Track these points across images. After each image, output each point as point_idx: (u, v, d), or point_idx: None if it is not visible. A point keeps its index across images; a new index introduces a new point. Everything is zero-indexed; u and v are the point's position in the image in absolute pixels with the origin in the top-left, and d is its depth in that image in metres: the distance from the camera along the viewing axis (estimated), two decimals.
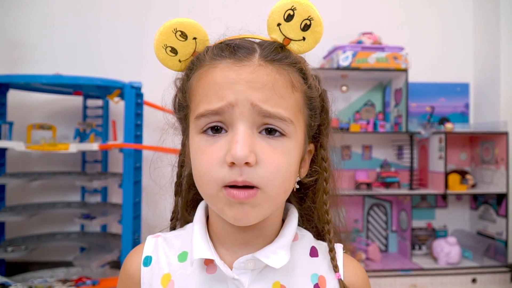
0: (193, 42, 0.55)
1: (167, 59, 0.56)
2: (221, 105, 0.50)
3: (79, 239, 2.19)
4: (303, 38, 0.54)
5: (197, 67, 0.55)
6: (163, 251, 0.60)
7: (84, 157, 2.29)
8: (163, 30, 0.54)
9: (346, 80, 2.43)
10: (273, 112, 0.50)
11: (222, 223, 0.56)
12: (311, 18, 0.53)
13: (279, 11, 0.52)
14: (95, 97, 2.23)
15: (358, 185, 2.32)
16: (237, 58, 0.51)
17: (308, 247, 0.60)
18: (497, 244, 2.28)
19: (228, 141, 0.50)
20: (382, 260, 2.29)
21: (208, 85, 0.51)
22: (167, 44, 0.55)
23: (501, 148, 2.26)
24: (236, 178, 0.49)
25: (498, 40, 2.40)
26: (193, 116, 0.54)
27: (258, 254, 0.54)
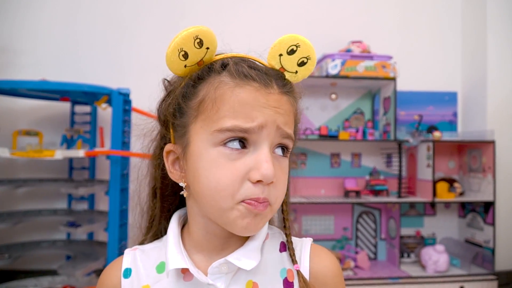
0: (204, 51, 0.56)
1: (175, 62, 0.55)
2: (252, 125, 0.52)
3: (64, 247, 2.15)
4: (296, 72, 0.60)
5: (210, 78, 0.56)
6: (141, 263, 0.62)
7: (71, 164, 2.27)
8: (186, 34, 0.54)
9: (336, 88, 2.44)
10: (289, 133, 0.57)
11: (204, 232, 0.60)
12: (309, 57, 0.60)
13: (285, 44, 0.58)
14: (83, 103, 2.21)
15: (347, 193, 2.32)
16: (263, 82, 0.55)
17: (278, 243, 0.64)
18: (484, 252, 2.29)
19: (253, 159, 0.53)
20: (371, 268, 2.28)
21: (238, 102, 0.53)
22: (183, 48, 0.54)
23: (488, 156, 2.28)
24: (259, 195, 0.53)
25: (485, 50, 2.44)
26: (209, 126, 0.54)
27: (230, 258, 0.57)
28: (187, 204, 0.62)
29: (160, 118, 0.62)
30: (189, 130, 0.57)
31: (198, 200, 0.57)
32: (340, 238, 2.44)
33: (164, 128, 0.62)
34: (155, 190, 0.65)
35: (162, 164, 0.63)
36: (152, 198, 0.66)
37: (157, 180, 0.65)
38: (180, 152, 0.59)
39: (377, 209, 2.48)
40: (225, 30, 0.64)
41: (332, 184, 2.44)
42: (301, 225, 2.41)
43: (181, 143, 0.58)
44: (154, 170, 0.65)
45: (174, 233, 0.61)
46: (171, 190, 0.65)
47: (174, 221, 0.63)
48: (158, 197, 0.65)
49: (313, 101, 2.44)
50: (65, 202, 2.27)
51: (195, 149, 0.55)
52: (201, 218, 0.59)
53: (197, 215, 0.60)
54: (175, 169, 0.60)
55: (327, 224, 2.43)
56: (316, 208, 2.41)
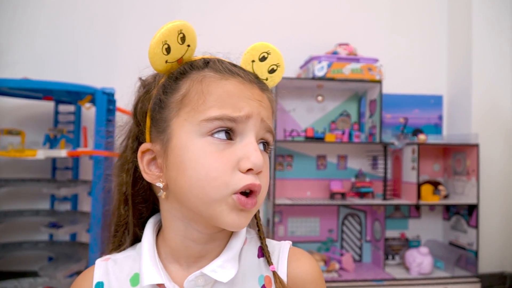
0: (185, 49, 0.56)
1: (157, 56, 0.55)
2: (240, 115, 0.53)
3: (47, 248, 2.12)
4: (266, 79, 0.62)
5: (193, 74, 0.56)
6: (114, 275, 0.58)
7: (54, 164, 2.24)
8: (171, 27, 0.54)
9: (322, 90, 2.44)
10: (271, 128, 0.58)
11: (182, 237, 0.57)
12: (279, 65, 0.63)
13: (257, 50, 0.61)
14: (67, 102, 2.19)
15: (332, 195, 2.33)
16: (246, 79, 0.57)
17: (256, 249, 0.62)
18: (468, 255, 2.31)
19: (241, 149, 0.53)
20: (356, 270, 2.29)
21: (225, 93, 0.54)
22: (167, 41, 0.54)
23: (472, 159, 2.31)
24: (254, 181, 0.52)
25: (470, 55, 2.46)
26: (196, 117, 0.53)
27: (206, 270, 0.55)
28: (163, 209, 0.59)
29: (137, 116, 0.60)
30: (171, 124, 0.55)
31: (181, 197, 0.54)
32: (325, 240, 2.44)
33: (139, 127, 0.60)
34: (126, 197, 0.62)
35: (133, 168, 0.61)
36: (124, 205, 0.62)
37: (128, 185, 0.61)
38: (159, 149, 0.57)
39: (363, 211, 2.49)
40: (211, 31, 0.65)
41: (318, 186, 2.44)
42: (287, 226, 2.41)
43: (161, 139, 0.56)
44: (125, 175, 0.61)
45: (149, 242, 0.58)
46: (142, 196, 0.62)
47: (149, 229, 0.60)
48: (130, 204, 0.62)
49: (299, 103, 2.45)
50: (48, 202, 2.24)
51: (179, 142, 0.54)
52: (180, 221, 0.57)
53: (175, 218, 0.57)
54: (150, 170, 0.58)
55: (312, 226, 2.43)
56: (301, 210, 2.41)
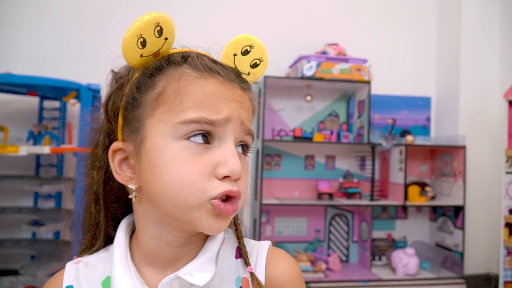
0: (162, 42, 0.52)
1: (132, 50, 0.51)
2: (219, 118, 0.50)
3: (29, 246, 2.08)
4: (248, 73, 0.59)
5: (169, 70, 0.52)
6: (85, 279, 0.55)
7: (38, 160, 2.20)
8: (147, 19, 0.50)
9: (311, 90, 2.44)
10: (252, 130, 0.55)
11: (156, 241, 0.54)
12: (262, 59, 0.59)
13: (240, 44, 0.57)
14: (52, 98, 2.15)
15: (320, 195, 2.32)
16: (227, 77, 0.53)
17: (233, 249, 0.60)
18: (454, 256, 2.32)
19: (219, 154, 0.50)
20: (342, 271, 2.29)
21: (203, 93, 0.51)
22: (142, 35, 0.50)
23: (459, 161, 2.32)
24: (231, 188, 0.50)
25: (459, 57, 2.47)
26: (171, 118, 0.50)
27: (181, 273, 0.52)
28: (136, 211, 0.56)
29: (108, 113, 0.56)
30: (145, 124, 0.52)
31: (155, 201, 0.51)
32: (312, 240, 2.44)
33: (111, 124, 0.56)
34: (97, 196, 0.58)
35: (105, 166, 0.57)
36: (95, 205, 0.58)
37: (100, 184, 0.57)
38: (131, 149, 0.53)
39: (350, 212, 2.49)
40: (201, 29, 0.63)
41: (306, 186, 2.43)
42: (274, 226, 2.39)
43: (134, 139, 0.53)
44: (96, 173, 0.57)
45: (121, 245, 0.55)
46: (115, 196, 0.58)
47: (122, 230, 0.57)
48: (102, 204, 0.58)
49: (288, 102, 2.44)
50: (31, 200, 2.20)
51: (153, 144, 0.51)
52: (154, 225, 0.54)
53: (149, 221, 0.54)
54: (122, 170, 0.54)
55: (300, 226, 2.42)
56: (289, 209, 2.40)
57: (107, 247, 0.59)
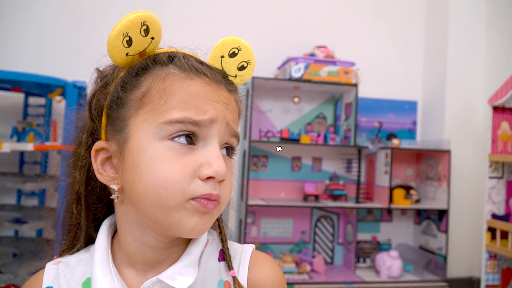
0: (148, 41, 0.52)
1: (118, 48, 0.50)
2: (204, 118, 0.50)
3: (11, 244, 2.05)
4: (235, 76, 0.59)
5: (155, 69, 0.52)
6: (65, 279, 0.55)
7: (22, 157, 2.17)
8: (133, 18, 0.49)
9: (299, 91, 2.45)
10: (237, 132, 0.55)
11: (138, 243, 0.54)
12: (249, 62, 0.59)
13: (227, 46, 0.57)
14: (37, 95, 2.13)
15: (306, 197, 2.33)
16: (214, 78, 0.53)
17: (217, 252, 0.59)
18: (437, 259, 2.35)
19: (203, 156, 0.50)
20: (327, 272, 2.30)
21: (189, 93, 0.50)
22: (128, 33, 0.50)
23: (444, 165, 2.34)
24: (211, 191, 0.50)
25: (445, 63, 2.50)
26: (155, 118, 0.50)
27: (162, 276, 0.52)
28: (119, 212, 0.55)
29: (92, 112, 0.56)
30: (129, 124, 0.51)
31: (137, 202, 0.51)
32: (298, 241, 2.44)
33: (95, 123, 0.56)
34: (79, 196, 0.58)
35: (88, 166, 0.56)
36: (76, 205, 0.58)
37: (82, 184, 0.57)
38: (114, 149, 0.53)
39: (336, 214, 2.50)
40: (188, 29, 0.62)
41: (292, 187, 2.44)
42: (260, 227, 2.40)
43: (117, 139, 0.52)
44: (78, 172, 0.57)
45: (103, 246, 0.55)
46: (96, 196, 0.58)
47: (104, 231, 0.56)
48: (83, 204, 0.57)
49: (276, 103, 2.44)
50: (14, 197, 2.17)
51: (137, 144, 0.50)
52: (136, 227, 0.53)
53: (131, 223, 0.54)
54: (104, 170, 0.54)
55: (285, 227, 2.43)
56: (275, 211, 2.41)
57: (88, 247, 0.59)
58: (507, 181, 2.14)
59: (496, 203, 2.13)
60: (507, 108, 2.14)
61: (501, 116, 2.15)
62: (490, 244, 2.08)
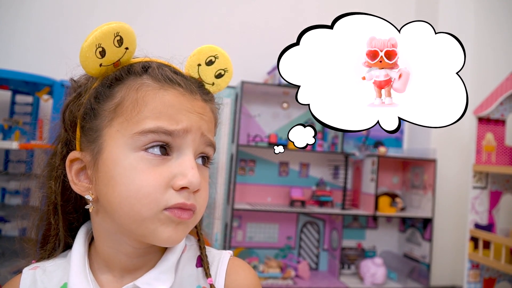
0: (122, 52, 0.52)
1: (90, 59, 0.51)
2: (177, 128, 0.50)
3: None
4: (212, 83, 0.59)
5: (129, 80, 0.52)
6: (42, 285, 0.55)
7: (7, 156, 2.16)
8: (106, 29, 0.50)
9: (288, 97, 2.46)
10: (213, 141, 0.55)
11: (115, 251, 0.54)
12: (227, 70, 0.59)
13: (204, 54, 0.57)
14: (25, 93, 2.12)
15: (292, 202, 2.34)
16: (188, 88, 0.53)
17: (195, 257, 0.59)
18: (421, 267, 2.37)
19: (177, 166, 0.50)
20: (311, 278, 2.30)
21: (162, 103, 0.50)
22: (101, 44, 0.50)
23: (430, 174, 2.37)
24: (185, 201, 0.50)
25: None
26: (129, 129, 0.50)
27: (138, 282, 0.53)
28: (94, 221, 0.55)
29: (66, 122, 0.56)
30: (103, 135, 0.51)
31: (111, 213, 0.51)
32: (283, 246, 2.45)
33: (69, 133, 0.55)
34: (55, 206, 0.57)
35: (62, 176, 0.56)
36: (53, 215, 0.58)
37: (57, 194, 0.57)
38: (89, 160, 0.53)
39: (322, 220, 2.51)
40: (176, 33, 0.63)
41: (279, 192, 2.45)
42: (245, 232, 2.40)
43: (91, 149, 0.52)
44: (53, 183, 0.57)
45: (79, 252, 0.55)
46: (72, 206, 0.58)
47: (80, 238, 0.56)
48: (60, 214, 0.57)
49: (265, 108, 2.45)
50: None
51: (110, 155, 0.50)
52: (112, 235, 0.54)
53: (107, 232, 0.54)
54: (79, 180, 0.54)
55: (271, 232, 2.43)
56: (261, 215, 2.41)
57: (65, 252, 0.59)
58: (491, 192, 2.17)
59: (480, 213, 2.15)
60: (492, 119, 2.18)
61: (486, 127, 2.18)
62: (472, 254, 2.10)
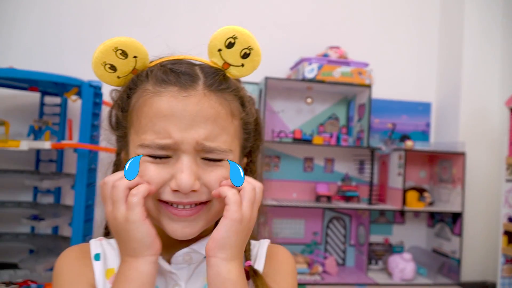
0: (133, 60, 0.56)
1: (105, 75, 0.56)
2: (168, 142, 0.52)
3: (28, 240, 2.09)
4: (242, 65, 0.58)
5: (139, 87, 0.56)
6: (108, 251, 0.62)
7: (38, 156, 2.21)
8: (103, 48, 0.54)
9: (311, 92, 2.44)
10: (214, 147, 0.54)
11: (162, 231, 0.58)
12: (251, 48, 0.57)
13: (220, 38, 0.56)
14: (53, 94, 2.16)
15: (318, 198, 2.32)
16: (182, 85, 0.53)
17: None
18: (451, 262, 2.32)
19: (173, 167, 0.54)
20: (339, 274, 2.29)
21: (154, 115, 0.53)
22: (106, 62, 0.55)
23: (458, 168, 2.32)
24: (181, 199, 0.53)
25: (460, 63, 2.47)
26: (136, 139, 0.55)
27: (195, 246, 0.58)
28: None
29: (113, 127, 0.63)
30: (128, 141, 0.58)
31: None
32: (309, 242, 2.44)
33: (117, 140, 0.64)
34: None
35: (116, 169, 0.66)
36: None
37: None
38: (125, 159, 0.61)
39: (348, 215, 2.49)
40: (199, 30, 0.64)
41: (304, 188, 2.44)
42: (272, 228, 2.40)
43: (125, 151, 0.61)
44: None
45: None
46: None
47: None
48: None
49: (288, 104, 2.44)
50: (31, 194, 2.21)
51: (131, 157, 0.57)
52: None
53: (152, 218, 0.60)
54: None
55: (297, 228, 2.43)
56: (287, 211, 2.41)
57: None
58: None
59: None
60: None
61: None
62: (506, 248, 2.05)
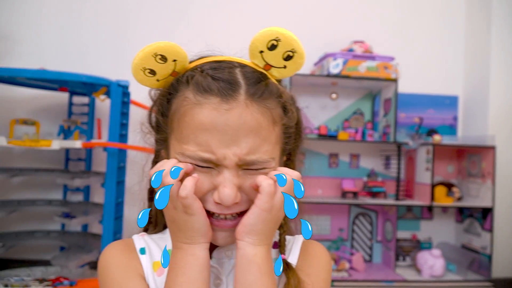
0: (172, 64, 0.56)
1: (145, 80, 0.57)
2: (211, 157, 0.52)
3: (59, 238, 2.14)
4: (284, 66, 0.57)
5: (179, 93, 0.56)
6: (151, 246, 0.63)
7: (67, 155, 2.26)
8: (142, 55, 0.54)
9: (336, 87, 2.42)
10: (255, 159, 0.53)
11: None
12: (294, 50, 0.55)
13: (263, 39, 0.54)
14: (81, 94, 2.20)
15: (344, 194, 2.31)
16: (223, 96, 0.52)
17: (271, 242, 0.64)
18: (481, 258, 2.28)
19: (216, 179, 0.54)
20: (366, 270, 2.27)
21: (196, 127, 0.53)
22: (146, 67, 0.55)
23: (488, 162, 2.27)
24: (223, 211, 0.54)
25: (488, 55, 2.42)
26: (177, 147, 0.55)
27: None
28: None
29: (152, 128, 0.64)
30: (169, 144, 0.58)
31: None
32: (335, 239, 2.43)
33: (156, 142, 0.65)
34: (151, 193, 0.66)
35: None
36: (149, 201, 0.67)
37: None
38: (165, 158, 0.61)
39: (374, 211, 2.47)
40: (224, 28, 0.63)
41: (330, 184, 2.42)
42: (297, 224, 2.39)
43: (166, 153, 0.61)
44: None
45: None
46: None
47: None
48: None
49: (313, 100, 2.43)
50: (61, 193, 2.26)
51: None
52: None
53: None
54: None
55: (323, 224, 2.42)
56: (312, 208, 2.39)
57: (164, 231, 0.67)
58: None
59: None
60: None
61: None
62: None
